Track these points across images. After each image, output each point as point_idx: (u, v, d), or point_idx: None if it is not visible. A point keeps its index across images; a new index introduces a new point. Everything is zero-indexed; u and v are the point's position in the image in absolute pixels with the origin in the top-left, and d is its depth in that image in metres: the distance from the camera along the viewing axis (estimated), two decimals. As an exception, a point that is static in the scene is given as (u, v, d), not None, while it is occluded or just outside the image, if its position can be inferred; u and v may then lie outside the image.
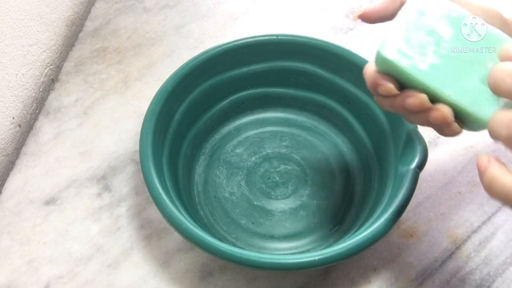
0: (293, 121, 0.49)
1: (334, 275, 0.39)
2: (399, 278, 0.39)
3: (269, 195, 0.44)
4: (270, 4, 0.61)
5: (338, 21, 0.58)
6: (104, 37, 0.57)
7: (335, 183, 0.44)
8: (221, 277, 0.39)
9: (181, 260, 0.40)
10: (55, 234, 0.42)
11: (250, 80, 0.47)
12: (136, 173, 0.46)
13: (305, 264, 0.32)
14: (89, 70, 0.54)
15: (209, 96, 0.46)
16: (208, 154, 0.47)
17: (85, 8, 0.61)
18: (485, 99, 0.27)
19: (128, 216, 0.43)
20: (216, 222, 0.42)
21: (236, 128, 0.48)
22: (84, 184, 0.45)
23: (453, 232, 0.41)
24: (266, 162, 0.46)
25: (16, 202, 0.44)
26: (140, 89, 0.52)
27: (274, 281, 0.39)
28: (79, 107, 0.51)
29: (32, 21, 0.52)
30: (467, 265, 0.40)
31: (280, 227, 0.42)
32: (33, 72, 0.52)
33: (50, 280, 0.40)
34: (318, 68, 0.45)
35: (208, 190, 0.44)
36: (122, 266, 0.40)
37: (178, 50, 0.56)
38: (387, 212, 0.34)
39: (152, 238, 0.42)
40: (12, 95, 0.49)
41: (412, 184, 0.35)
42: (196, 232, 0.33)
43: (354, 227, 0.40)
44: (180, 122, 0.43)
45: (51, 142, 0.48)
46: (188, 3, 0.61)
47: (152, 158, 0.37)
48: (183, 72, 0.42)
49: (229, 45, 0.44)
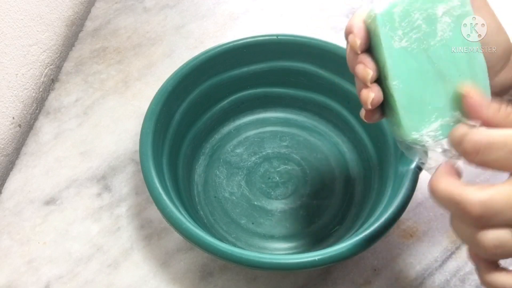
0: (293, 121, 0.49)
1: (334, 275, 0.39)
2: (399, 278, 0.39)
3: (269, 195, 0.44)
4: (270, 4, 0.61)
5: (338, 21, 0.58)
6: (104, 37, 0.57)
7: (335, 183, 0.44)
8: (221, 277, 0.39)
9: (181, 260, 0.40)
10: (55, 234, 0.42)
11: (250, 80, 0.47)
12: (136, 173, 0.46)
13: (305, 264, 0.32)
14: (89, 70, 0.54)
15: (209, 96, 0.46)
16: (208, 154, 0.47)
17: (85, 8, 0.61)
18: (423, 113, 0.26)
19: (128, 216, 0.43)
20: (216, 222, 0.42)
21: (236, 128, 0.48)
22: (84, 184, 0.45)
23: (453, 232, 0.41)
24: (266, 162, 0.46)
25: (16, 202, 0.44)
26: (140, 89, 0.52)
27: (274, 281, 0.39)
28: (79, 107, 0.51)
29: (32, 21, 0.52)
30: (467, 265, 0.40)
31: (280, 227, 0.42)
32: (33, 72, 0.52)
33: (50, 280, 0.40)
34: (318, 68, 0.45)
35: (208, 190, 0.44)
36: (122, 266, 0.40)
37: (178, 50, 0.56)
38: (387, 212, 0.34)
39: (152, 238, 0.42)
40: (12, 95, 0.49)
41: (412, 184, 0.35)
42: (196, 232, 0.33)
43: (354, 227, 0.40)
44: (180, 122, 0.43)
45: (51, 142, 0.48)
46: (188, 3, 0.61)
47: (152, 158, 0.37)
48: (183, 72, 0.42)
49: (229, 45, 0.44)
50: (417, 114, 0.26)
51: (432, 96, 0.26)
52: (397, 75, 0.26)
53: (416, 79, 0.26)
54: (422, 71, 0.26)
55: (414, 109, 0.26)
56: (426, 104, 0.26)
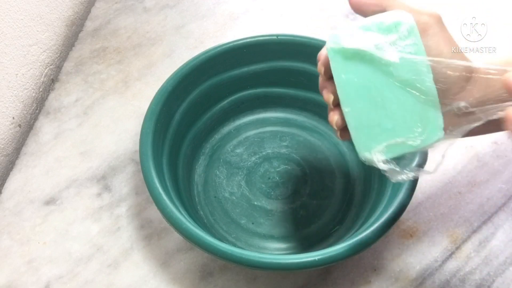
0: (293, 121, 0.49)
1: (334, 275, 0.39)
2: (399, 278, 0.39)
3: (269, 195, 0.44)
4: (270, 4, 0.61)
5: (338, 21, 0.58)
6: (104, 37, 0.57)
7: (335, 183, 0.44)
8: (221, 277, 0.39)
9: (181, 260, 0.40)
10: (55, 234, 0.42)
11: (250, 80, 0.47)
12: (136, 173, 0.46)
13: (305, 264, 0.32)
14: (89, 70, 0.54)
15: (209, 96, 0.46)
16: (208, 154, 0.47)
17: (85, 8, 0.61)
18: (372, 135, 0.28)
19: (128, 216, 0.43)
20: (216, 222, 0.42)
21: (236, 128, 0.48)
22: (84, 184, 0.45)
23: (453, 232, 0.41)
24: (266, 162, 0.46)
25: (16, 202, 0.44)
26: (140, 89, 0.52)
27: (274, 281, 0.39)
28: (79, 107, 0.51)
29: (32, 21, 0.52)
30: (467, 265, 0.40)
31: (280, 227, 0.42)
32: (33, 72, 0.52)
33: (50, 280, 0.40)
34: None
35: (208, 190, 0.44)
36: (122, 266, 0.40)
37: (178, 50, 0.56)
38: (387, 212, 0.34)
39: (152, 238, 0.42)
40: (12, 95, 0.49)
41: (412, 184, 0.35)
42: (196, 232, 0.33)
43: (354, 227, 0.40)
44: (180, 122, 0.43)
45: (51, 142, 0.48)
46: (188, 3, 0.61)
47: (152, 158, 0.37)
48: (183, 72, 0.42)
49: (229, 45, 0.44)
50: (366, 135, 0.28)
51: (381, 118, 0.28)
52: (347, 101, 0.28)
53: (365, 104, 0.28)
54: (371, 98, 0.27)
55: (364, 131, 0.28)
56: (375, 126, 0.28)
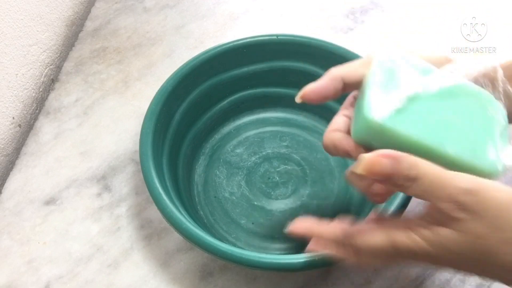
0: (293, 121, 0.49)
1: (334, 275, 0.39)
2: (399, 278, 0.39)
3: (269, 195, 0.44)
4: (270, 4, 0.61)
5: (338, 21, 0.58)
6: (104, 37, 0.57)
7: (335, 183, 0.44)
8: (221, 277, 0.39)
9: (181, 260, 0.40)
10: (55, 234, 0.42)
11: (250, 80, 0.47)
12: (136, 173, 0.46)
13: (305, 264, 0.32)
14: (89, 70, 0.54)
15: (209, 96, 0.46)
16: (208, 154, 0.47)
17: (85, 8, 0.61)
18: (479, 145, 0.26)
19: (128, 216, 0.43)
20: (216, 222, 0.42)
21: (236, 128, 0.48)
22: (84, 184, 0.45)
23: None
24: (266, 162, 0.46)
25: (16, 202, 0.44)
26: (140, 89, 0.52)
27: (274, 281, 0.39)
28: (79, 107, 0.51)
29: (32, 21, 0.52)
30: (467, 265, 0.39)
31: (280, 227, 0.42)
32: (33, 72, 0.52)
33: (50, 280, 0.40)
34: (318, 68, 0.45)
35: (208, 190, 0.44)
36: (122, 266, 0.40)
37: (178, 50, 0.56)
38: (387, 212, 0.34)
39: (152, 238, 0.42)
40: (12, 95, 0.49)
41: (412, 184, 0.35)
42: (196, 232, 0.33)
43: (354, 227, 0.40)
44: (180, 122, 0.43)
45: (51, 142, 0.48)
46: (188, 3, 0.61)
47: (152, 158, 0.37)
48: (183, 72, 0.42)
49: (229, 45, 0.44)
50: (480, 149, 0.26)
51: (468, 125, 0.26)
52: (439, 141, 0.26)
53: (447, 130, 0.26)
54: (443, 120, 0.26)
55: (476, 149, 0.26)
56: (471, 135, 0.26)
